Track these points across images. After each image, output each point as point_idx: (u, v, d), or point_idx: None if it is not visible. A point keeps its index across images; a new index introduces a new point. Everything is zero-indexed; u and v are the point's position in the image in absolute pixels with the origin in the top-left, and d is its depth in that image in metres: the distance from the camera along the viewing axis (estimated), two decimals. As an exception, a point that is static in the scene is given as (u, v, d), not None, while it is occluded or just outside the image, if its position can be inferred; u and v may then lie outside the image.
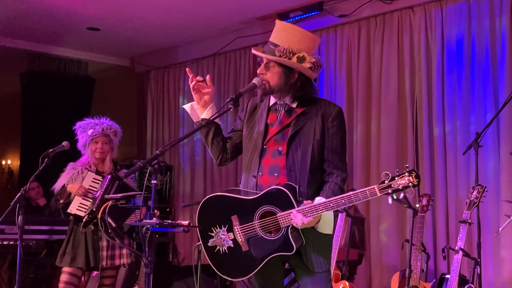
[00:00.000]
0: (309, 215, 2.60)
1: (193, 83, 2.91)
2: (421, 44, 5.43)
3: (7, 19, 6.57)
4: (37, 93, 7.96)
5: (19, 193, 3.57)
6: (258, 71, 2.84)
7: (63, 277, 4.34)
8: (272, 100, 2.91)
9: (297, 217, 2.60)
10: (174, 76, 7.93)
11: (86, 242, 4.34)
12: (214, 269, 2.83)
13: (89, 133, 4.44)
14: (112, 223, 4.03)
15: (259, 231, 2.71)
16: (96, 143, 4.46)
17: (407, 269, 4.29)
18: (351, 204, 2.65)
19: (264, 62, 2.83)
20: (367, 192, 2.57)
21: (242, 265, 2.74)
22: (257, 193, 2.75)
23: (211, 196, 2.86)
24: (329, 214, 2.71)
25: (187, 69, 3.06)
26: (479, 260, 4.08)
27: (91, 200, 4.33)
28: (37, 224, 5.91)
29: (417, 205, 4.40)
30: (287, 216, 2.65)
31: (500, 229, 4.22)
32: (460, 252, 4.02)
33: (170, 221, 2.74)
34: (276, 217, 2.68)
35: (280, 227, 2.67)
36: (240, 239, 2.74)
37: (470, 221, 4.06)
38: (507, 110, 4.64)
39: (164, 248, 7.47)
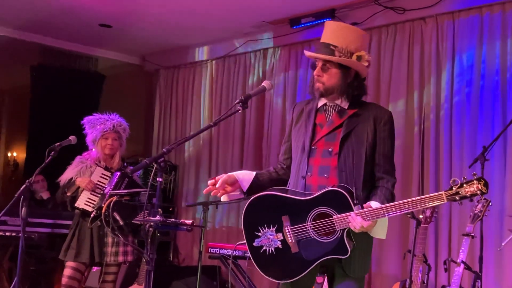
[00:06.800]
0: (368, 218, 2.53)
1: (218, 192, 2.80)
2: (431, 55, 5.43)
3: (21, 12, 6.61)
4: (46, 87, 7.97)
5: (24, 185, 3.57)
6: (315, 73, 2.76)
7: (67, 271, 4.34)
8: (321, 102, 2.85)
9: (355, 220, 2.53)
10: (184, 76, 7.94)
11: (91, 237, 4.33)
12: (259, 270, 2.73)
13: (99, 129, 4.43)
14: (119, 220, 4.02)
15: (311, 233, 2.63)
16: (106, 139, 4.46)
17: (408, 280, 4.27)
18: (414, 210, 2.56)
19: (321, 64, 2.76)
20: (434, 198, 2.50)
21: (290, 267, 2.65)
22: (310, 194, 2.67)
23: (261, 194, 2.75)
24: (385, 218, 2.61)
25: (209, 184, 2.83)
26: (480, 273, 4.07)
27: (99, 196, 4.32)
28: (41, 217, 5.92)
29: (421, 216, 4.39)
30: (344, 219, 2.56)
31: (503, 244, 4.21)
32: (462, 265, 4.00)
33: (173, 220, 2.74)
34: (332, 219, 2.59)
35: (335, 229, 2.59)
36: (290, 240, 2.65)
37: (473, 234, 4.04)
38: (515, 125, 4.63)
39: (165, 247, 7.46)
